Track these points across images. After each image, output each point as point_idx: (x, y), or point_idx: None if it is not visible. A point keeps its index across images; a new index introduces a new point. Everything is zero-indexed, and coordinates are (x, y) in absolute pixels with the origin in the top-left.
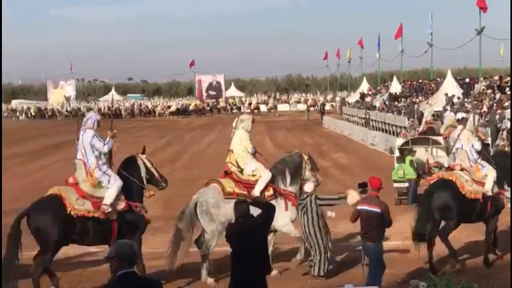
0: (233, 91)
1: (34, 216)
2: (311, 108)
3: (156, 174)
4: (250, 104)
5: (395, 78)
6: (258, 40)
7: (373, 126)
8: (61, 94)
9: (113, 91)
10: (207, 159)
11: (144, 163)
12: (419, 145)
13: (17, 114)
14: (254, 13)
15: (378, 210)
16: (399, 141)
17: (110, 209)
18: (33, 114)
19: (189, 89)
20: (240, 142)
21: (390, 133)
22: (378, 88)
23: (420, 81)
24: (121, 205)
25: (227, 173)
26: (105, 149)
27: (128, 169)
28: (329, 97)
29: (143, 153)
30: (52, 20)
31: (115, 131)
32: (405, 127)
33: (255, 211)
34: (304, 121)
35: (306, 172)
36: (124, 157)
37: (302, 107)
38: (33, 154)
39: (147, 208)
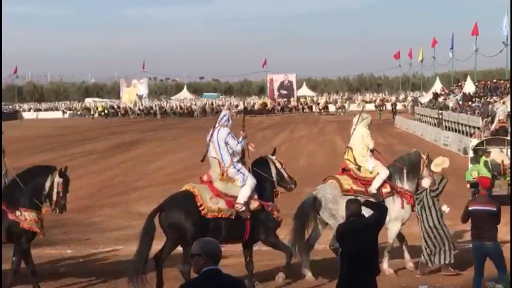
0: (304, 91)
1: (167, 213)
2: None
3: (286, 175)
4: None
5: (469, 78)
6: (330, 39)
7: (446, 126)
8: (133, 93)
9: (185, 90)
10: (280, 158)
11: (274, 164)
12: (494, 145)
13: (91, 112)
14: (326, 14)
15: (494, 209)
16: (474, 141)
17: (243, 208)
18: (106, 112)
19: (261, 88)
20: (362, 139)
21: (463, 133)
22: (452, 88)
23: (495, 80)
24: (254, 204)
25: (345, 170)
26: (239, 147)
27: (259, 169)
28: (401, 97)
29: (273, 154)
30: (127, 19)
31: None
32: (478, 128)
33: (366, 212)
34: (375, 121)
35: (424, 171)
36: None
37: (371, 107)
38: (106, 152)
39: None
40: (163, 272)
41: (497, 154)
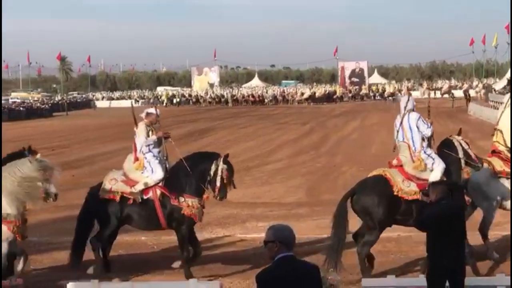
0: (376, 78)
1: (359, 196)
2: (446, 95)
3: (473, 155)
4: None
5: None
6: (401, 26)
7: None
8: (205, 81)
9: (256, 78)
10: (351, 146)
11: (460, 144)
12: None
13: (164, 100)
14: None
15: None
16: None
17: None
18: (177, 100)
19: (332, 76)
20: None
21: None
22: None
23: None
24: None
25: (494, 152)
26: (429, 132)
27: (447, 150)
28: (474, 84)
29: (459, 134)
30: (198, 8)
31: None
32: None
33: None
34: (448, 108)
35: None
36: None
37: (439, 95)
38: (178, 140)
39: (292, 195)
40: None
41: None
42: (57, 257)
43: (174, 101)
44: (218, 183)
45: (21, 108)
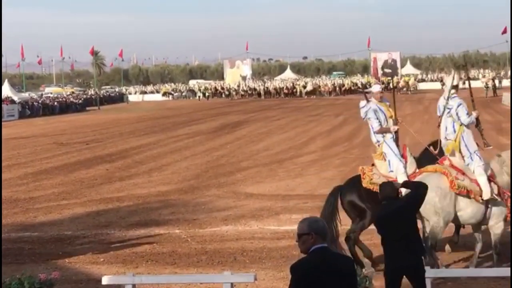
0: (408, 69)
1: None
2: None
3: None
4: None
5: None
6: (434, 16)
7: None
8: (237, 74)
9: (288, 70)
10: None
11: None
12: None
13: (197, 94)
14: None
15: None
16: None
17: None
18: (209, 94)
19: (364, 67)
20: None
21: None
22: None
23: None
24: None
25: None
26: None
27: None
28: (509, 73)
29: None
30: (230, 1)
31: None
32: None
33: None
34: (482, 98)
35: None
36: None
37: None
38: (211, 133)
39: (325, 187)
40: None
41: None
42: (92, 250)
43: (206, 94)
44: None
45: (55, 103)
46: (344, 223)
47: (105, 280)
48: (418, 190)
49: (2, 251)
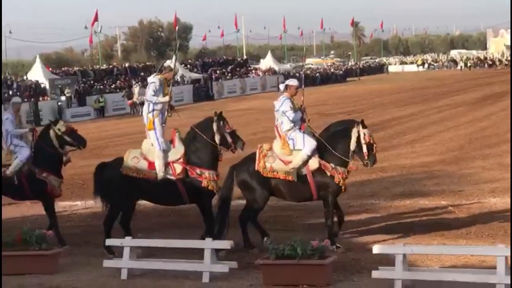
0: None
1: None
2: None
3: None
4: None
5: None
6: None
7: None
8: (501, 43)
9: None
10: None
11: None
12: None
13: (458, 64)
14: None
15: None
16: None
17: None
18: (471, 64)
19: None
20: None
21: None
22: None
23: None
24: None
25: None
26: None
27: None
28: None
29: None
30: None
31: None
32: None
33: None
34: None
35: None
36: None
37: None
38: (474, 104)
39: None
40: None
41: None
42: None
43: (468, 64)
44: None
45: (316, 74)
46: None
47: (376, 249)
48: None
49: None
